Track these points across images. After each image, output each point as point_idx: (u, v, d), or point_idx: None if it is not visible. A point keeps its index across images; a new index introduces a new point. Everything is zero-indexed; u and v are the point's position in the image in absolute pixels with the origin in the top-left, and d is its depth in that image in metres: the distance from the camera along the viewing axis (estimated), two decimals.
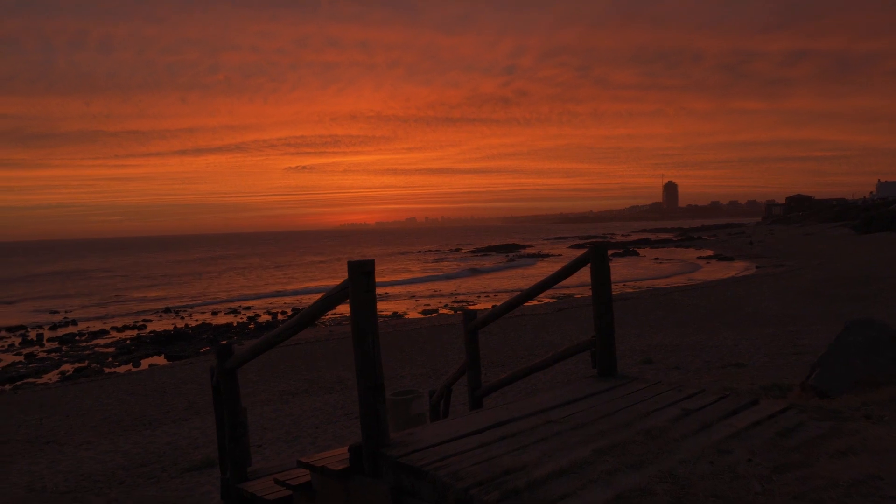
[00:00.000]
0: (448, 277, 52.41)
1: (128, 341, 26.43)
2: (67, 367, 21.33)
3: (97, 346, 25.85)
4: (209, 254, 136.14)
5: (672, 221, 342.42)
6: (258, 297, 44.10)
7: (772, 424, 2.82)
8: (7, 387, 18.88)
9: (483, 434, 2.94)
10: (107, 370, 20.61)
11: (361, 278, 2.91)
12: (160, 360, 22.01)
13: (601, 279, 3.78)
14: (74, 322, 33.56)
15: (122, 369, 20.64)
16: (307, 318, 3.43)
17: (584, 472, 2.40)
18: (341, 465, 2.93)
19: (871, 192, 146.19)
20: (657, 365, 12.06)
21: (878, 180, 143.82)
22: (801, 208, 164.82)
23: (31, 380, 19.76)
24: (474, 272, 59.12)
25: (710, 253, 65.44)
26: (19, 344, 27.11)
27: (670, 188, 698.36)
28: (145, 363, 21.49)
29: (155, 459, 8.48)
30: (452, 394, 6.00)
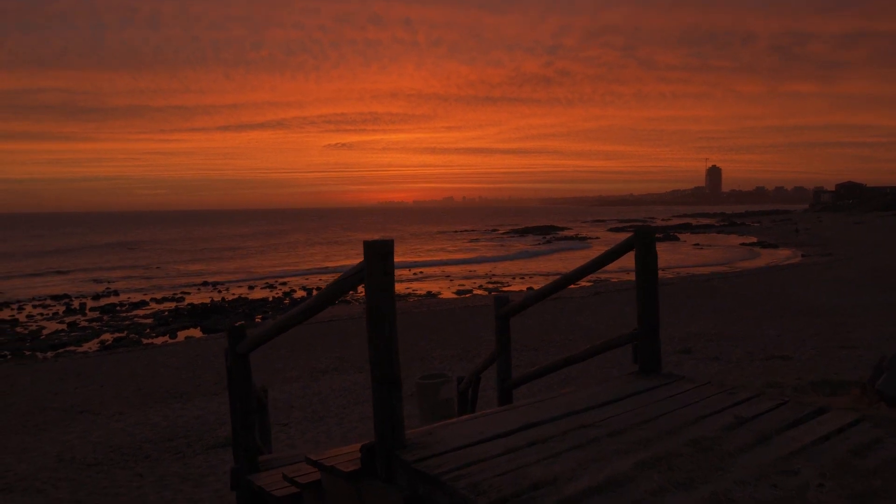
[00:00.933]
0: (484, 259, 52.05)
1: (166, 313, 26.85)
2: (107, 337, 21.76)
3: (136, 316, 26.33)
4: (250, 229, 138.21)
5: (714, 207, 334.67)
6: (296, 273, 44.45)
7: (843, 440, 2.46)
8: (49, 354, 19.32)
9: (510, 438, 2.64)
10: (144, 341, 20.95)
11: (378, 260, 2.62)
12: (196, 333, 22.28)
13: (646, 267, 3.44)
14: (116, 293, 34.28)
15: (159, 340, 20.96)
16: (320, 301, 3.17)
17: (625, 491, 2.09)
18: (352, 465, 2.68)
19: None
20: (696, 355, 11.58)
21: None
22: (851, 196, 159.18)
23: (71, 348, 20.20)
24: (510, 254, 58.64)
25: (754, 240, 63.67)
26: (63, 312, 27.78)
27: (714, 172, 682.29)
28: (182, 335, 21.77)
29: (182, 434, 8.44)
30: (482, 381, 5.69)
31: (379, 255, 2.63)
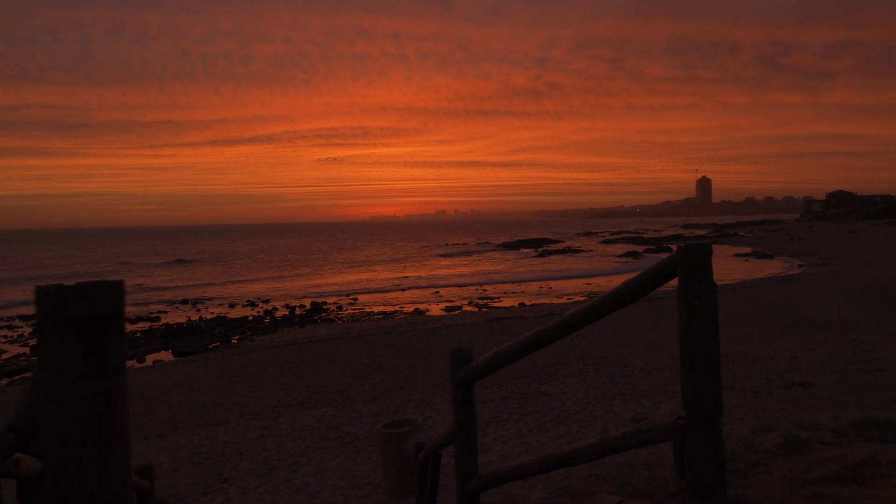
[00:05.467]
0: (475, 273, 50.82)
1: (138, 334, 25.42)
2: None
3: None
4: (238, 244, 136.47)
5: (705, 217, 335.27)
6: (278, 289, 43.08)
7: None
8: (3, 381, 17.93)
9: None
10: None
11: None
12: (167, 356, 20.89)
13: (698, 307, 2.04)
14: None
15: None
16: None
17: None
18: None
19: None
20: None
21: None
22: (842, 205, 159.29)
23: (28, 374, 18.79)
24: (501, 269, 57.54)
25: (748, 250, 62.76)
26: (28, 335, 26.30)
27: (704, 183, 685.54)
28: (150, 359, 20.36)
29: None
30: (445, 458, 4.24)
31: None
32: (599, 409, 8.48)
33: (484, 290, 37.25)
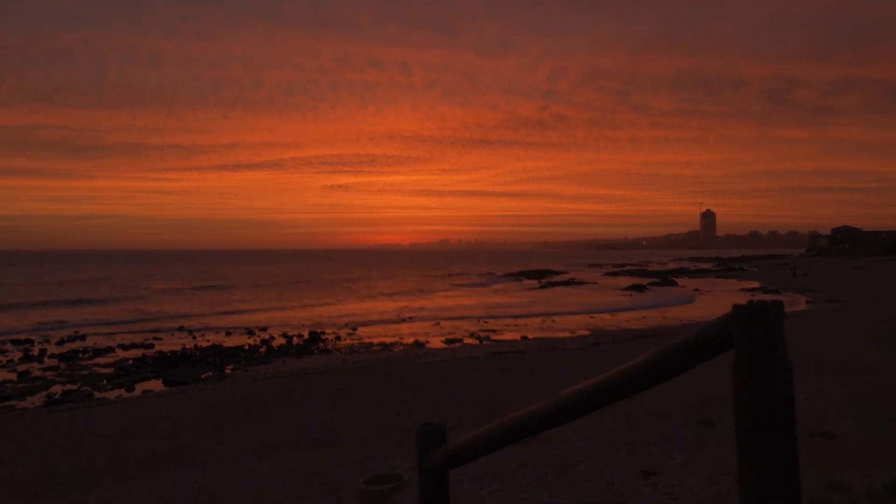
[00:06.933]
0: (477, 305, 50.15)
1: (130, 361, 24.81)
2: (57, 389, 19.70)
3: (97, 365, 24.26)
4: (241, 269, 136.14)
5: (709, 251, 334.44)
6: (277, 317, 42.48)
7: None
8: None
9: None
10: (97, 394, 18.93)
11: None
12: (157, 385, 20.27)
13: (767, 396, 1.45)
14: (83, 337, 32.19)
15: (112, 394, 18.94)
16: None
17: None
18: None
19: None
20: (718, 428, 9.68)
21: None
22: (847, 240, 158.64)
23: (13, 402, 18.14)
24: (504, 301, 56.90)
25: (756, 285, 62.01)
26: (18, 360, 25.69)
27: (708, 217, 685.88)
28: (140, 388, 19.74)
29: None
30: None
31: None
32: (605, 459, 7.85)
33: (486, 322, 36.60)
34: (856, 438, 8.65)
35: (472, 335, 30.40)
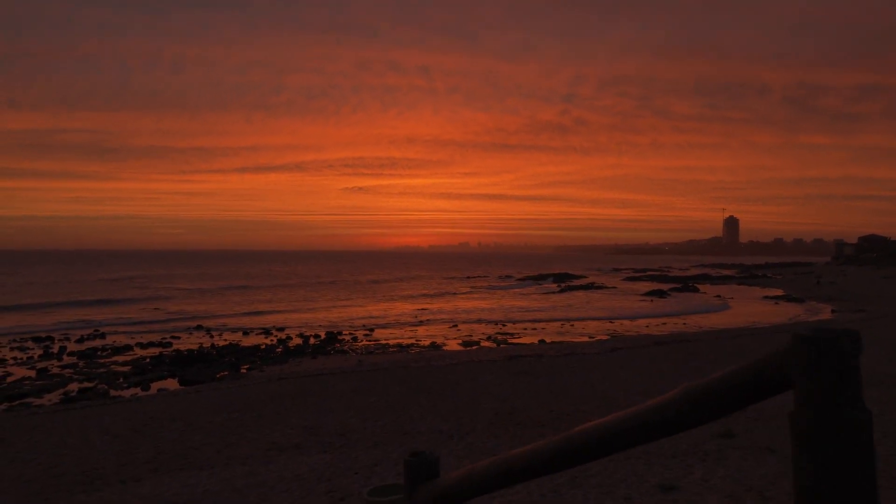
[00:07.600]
0: (495, 308, 49.85)
1: (147, 360, 24.92)
2: (74, 387, 19.81)
3: (115, 363, 24.40)
4: (261, 269, 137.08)
5: (732, 257, 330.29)
6: (295, 317, 42.55)
7: None
8: (3, 406, 17.41)
9: None
10: (113, 392, 18.99)
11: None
12: (172, 384, 20.29)
13: (839, 455, 1.08)
14: (103, 335, 32.46)
15: (128, 393, 18.98)
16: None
17: None
18: None
19: None
20: (741, 441, 9.34)
21: None
22: (874, 249, 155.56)
23: (30, 399, 18.25)
24: (523, 304, 56.51)
25: (780, 292, 60.90)
26: (38, 357, 25.93)
27: (731, 223, 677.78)
28: (155, 386, 19.77)
29: None
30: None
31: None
32: (621, 470, 7.57)
33: (503, 325, 36.30)
34: (885, 455, 8.27)
35: (489, 338, 30.14)
